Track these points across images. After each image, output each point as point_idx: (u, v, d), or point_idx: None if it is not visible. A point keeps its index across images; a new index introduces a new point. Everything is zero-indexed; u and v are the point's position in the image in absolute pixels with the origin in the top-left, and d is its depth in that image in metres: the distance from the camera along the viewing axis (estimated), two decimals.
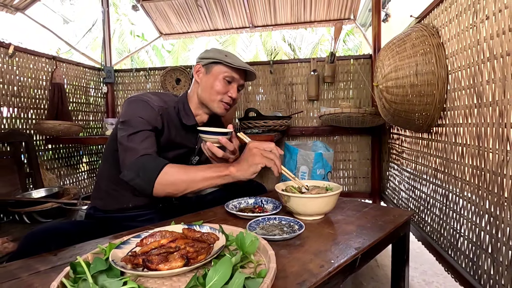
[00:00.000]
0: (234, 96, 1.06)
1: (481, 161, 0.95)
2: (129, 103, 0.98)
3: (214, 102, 1.05)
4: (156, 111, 0.98)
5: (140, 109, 0.96)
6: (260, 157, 0.85)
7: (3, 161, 1.81)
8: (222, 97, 1.05)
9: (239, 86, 1.09)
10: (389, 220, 0.87)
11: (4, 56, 1.86)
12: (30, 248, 0.73)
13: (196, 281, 0.48)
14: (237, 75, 1.05)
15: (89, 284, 0.47)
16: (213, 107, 1.06)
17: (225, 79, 1.04)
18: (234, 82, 1.06)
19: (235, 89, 1.06)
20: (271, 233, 0.74)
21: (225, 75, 1.04)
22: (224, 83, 1.04)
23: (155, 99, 1.01)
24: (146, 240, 0.63)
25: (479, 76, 0.94)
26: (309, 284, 0.53)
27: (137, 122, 0.93)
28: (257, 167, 0.85)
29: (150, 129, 0.95)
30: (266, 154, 0.85)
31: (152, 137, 0.95)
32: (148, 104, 0.97)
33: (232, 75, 1.04)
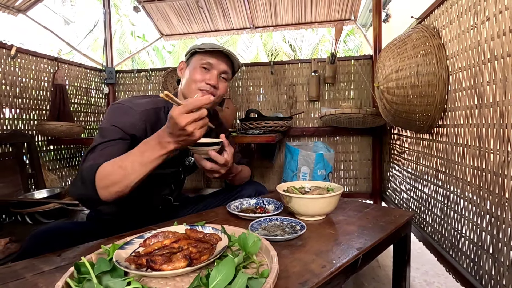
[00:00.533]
0: (213, 82, 0.98)
1: (482, 161, 0.95)
2: (109, 109, 0.94)
3: (192, 92, 0.98)
4: (137, 117, 0.91)
5: (118, 116, 0.91)
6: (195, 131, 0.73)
7: (6, 162, 1.82)
8: (199, 85, 0.98)
9: (222, 74, 1.01)
10: (390, 221, 0.87)
11: (7, 58, 1.87)
12: (34, 249, 0.73)
13: (200, 281, 0.49)
14: (215, 60, 0.99)
15: (94, 284, 0.48)
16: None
17: (202, 67, 0.98)
18: (213, 68, 0.99)
19: (214, 76, 0.99)
20: (273, 234, 0.75)
21: (201, 63, 0.98)
22: (201, 71, 0.98)
23: (141, 103, 0.95)
24: (149, 240, 0.63)
25: (480, 77, 0.94)
26: (311, 284, 0.53)
27: (108, 131, 0.88)
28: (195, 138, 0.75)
29: (119, 138, 0.88)
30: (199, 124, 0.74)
31: (119, 145, 0.87)
32: (129, 110, 0.92)
33: (208, 61, 0.98)
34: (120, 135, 0.88)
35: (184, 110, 0.71)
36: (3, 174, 1.77)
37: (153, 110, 0.96)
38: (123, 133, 0.89)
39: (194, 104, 0.71)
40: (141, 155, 0.77)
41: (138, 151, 0.78)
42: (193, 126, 0.72)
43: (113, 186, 0.76)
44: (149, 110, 0.95)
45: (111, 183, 0.76)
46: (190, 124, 0.71)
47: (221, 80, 1.02)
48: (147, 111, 0.94)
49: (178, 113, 0.71)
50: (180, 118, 0.71)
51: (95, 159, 0.81)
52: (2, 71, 1.84)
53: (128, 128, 0.89)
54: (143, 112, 0.93)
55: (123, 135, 0.89)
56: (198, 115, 0.72)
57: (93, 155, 0.84)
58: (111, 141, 0.86)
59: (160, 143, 0.76)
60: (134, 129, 0.90)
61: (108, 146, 0.85)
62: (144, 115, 0.93)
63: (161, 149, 0.76)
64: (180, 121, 0.71)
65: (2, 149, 1.83)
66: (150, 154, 0.76)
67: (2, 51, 1.84)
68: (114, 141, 0.87)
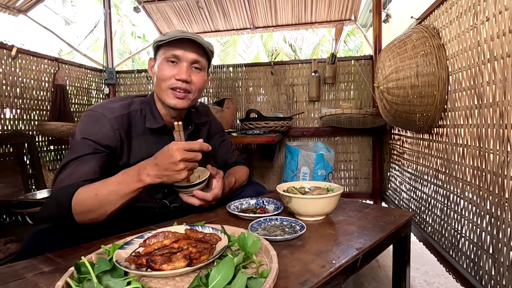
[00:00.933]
0: (183, 76, 0.86)
1: (481, 162, 0.95)
2: (82, 117, 0.87)
3: (163, 92, 0.89)
4: (108, 127, 0.85)
5: (89, 126, 0.85)
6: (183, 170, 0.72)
7: (6, 162, 1.82)
8: (169, 83, 0.87)
9: (193, 64, 0.89)
10: (390, 221, 0.87)
11: (7, 58, 1.87)
12: (33, 249, 0.73)
13: (199, 281, 0.49)
14: (181, 51, 0.86)
15: (94, 284, 0.48)
16: (164, 99, 0.89)
17: (168, 61, 0.87)
18: (181, 60, 0.87)
19: (184, 69, 0.87)
20: (273, 234, 0.75)
21: (166, 56, 0.87)
22: (168, 66, 0.87)
23: (114, 108, 0.88)
24: (149, 240, 0.64)
25: (480, 77, 0.94)
26: (311, 284, 0.54)
27: (79, 146, 0.82)
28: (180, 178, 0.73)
29: (91, 153, 0.82)
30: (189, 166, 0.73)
31: (92, 161, 0.81)
32: (100, 119, 0.85)
33: (173, 53, 0.86)
34: (92, 149, 0.82)
35: (187, 147, 0.72)
36: (3, 174, 1.77)
37: (126, 116, 0.89)
38: (96, 145, 0.83)
39: (196, 146, 0.73)
40: (117, 186, 0.74)
41: (115, 181, 0.75)
42: (184, 165, 0.72)
43: (89, 213, 0.74)
44: (122, 116, 0.88)
45: (87, 210, 0.74)
46: (183, 162, 0.72)
47: (194, 71, 0.90)
48: (120, 117, 0.88)
49: (179, 147, 0.71)
50: (178, 152, 0.71)
51: (67, 179, 0.77)
52: (3, 72, 1.84)
53: (102, 139, 0.84)
54: (115, 119, 0.86)
55: (96, 147, 0.83)
56: (193, 156, 0.73)
57: (65, 174, 0.79)
58: (83, 157, 0.81)
59: (138, 174, 0.73)
60: (108, 139, 0.85)
61: (81, 163, 0.80)
62: (117, 122, 0.87)
63: (137, 181, 0.73)
64: (177, 155, 0.70)
65: (3, 149, 1.83)
66: (125, 187, 0.73)
67: (2, 51, 1.84)
68: (86, 156, 0.81)
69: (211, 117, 1.18)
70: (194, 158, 0.73)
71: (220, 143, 1.21)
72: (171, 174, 0.72)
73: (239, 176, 1.11)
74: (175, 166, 0.71)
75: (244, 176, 1.17)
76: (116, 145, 0.87)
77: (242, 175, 1.15)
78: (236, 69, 2.58)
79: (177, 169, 0.71)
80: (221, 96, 2.56)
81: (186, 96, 0.90)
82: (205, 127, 1.14)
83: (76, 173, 0.78)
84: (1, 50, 1.84)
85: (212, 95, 2.63)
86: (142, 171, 0.73)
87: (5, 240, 1.31)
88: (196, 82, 0.90)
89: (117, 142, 0.87)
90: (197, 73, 0.91)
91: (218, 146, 1.20)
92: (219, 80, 2.62)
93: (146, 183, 0.73)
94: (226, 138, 1.24)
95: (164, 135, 0.96)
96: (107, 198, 0.73)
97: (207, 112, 1.16)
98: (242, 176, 1.14)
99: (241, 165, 1.20)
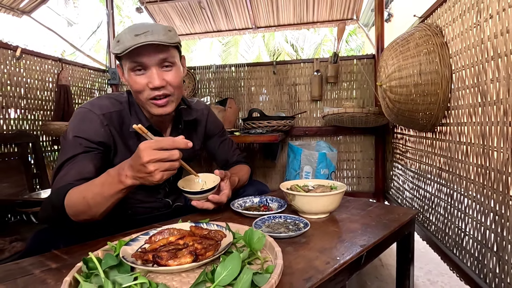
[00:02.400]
0: (156, 83, 0.80)
1: (485, 159, 0.95)
2: (73, 116, 0.85)
3: (145, 105, 0.86)
4: (98, 123, 0.83)
5: (79, 124, 0.83)
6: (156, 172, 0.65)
7: (11, 162, 1.84)
8: (146, 95, 0.83)
9: (163, 63, 0.82)
10: (393, 219, 0.87)
11: (12, 59, 1.89)
12: (39, 246, 0.74)
13: (205, 277, 0.49)
14: (143, 57, 0.79)
15: (101, 279, 0.48)
16: (149, 110, 0.87)
17: (135, 71, 0.81)
18: (148, 66, 0.81)
19: (154, 76, 0.80)
20: (277, 231, 0.75)
21: (130, 67, 0.81)
22: (136, 76, 0.81)
23: (104, 105, 0.86)
24: (155, 237, 0.64)
25: (483, 75, 0.94)
26: (315, 280, 0.54)
27: (70, 146, 0.81)
28: (155, 180, 0.66)
29: (83, 152, 0.81)
30: (164, 166, 0.65)
31: (85, 160, 0.80)
32: (88, 115, 0.83)
33: (136, 61, 0.79)
34: (83, 148, 0.80)
35: (155, 145, 0.64)
36: (8, 174, 1.79)
37: (116, 113, 0.87)
38: (87, 143, 0.81)
39: (167, 143, 0.65)
40: (101, 187, 0.71)
41: (99, 182, 0.72)
42: (155, 166, 0.63)
43: (80, 215, 0.73)
44: (111, 113, 0.86)
45: (78, 213, 0.73)
46: (153, 163, 0.63)
47: (166, 71, 0.83)
48: (109, 114, 0.85)
49: (146, 146, 0.63)
50: (144, 152, 0.63)
51: (63, 181, 0.77)
52: (8, 72, 1.86)
53: (93, 136, 0.82)
54: (104, 116, 0.84)
55: (88, 145, 0.81)
56: (166, 155, 0.64)
57: (60, 175, 0.78)
58: (75, 157, 0.79)
59: (119, 174, 0.69)
60: (100, 136, 0.83)
61: (74, 163, 0.79)
62: (106, 118, 0.84)
63: (118, 183, 0.68)
64: (143, 155, 0.62)
65: (8, 149, 1.84)
66: (108, 188, 0.70)
67: (7, 52, 1.86)
68: (78, 156, 0.80)
69: (209, 116, 1.14)
70: (168, 158, 0.64)
71: (220, 142, 1.20)
72: (144, 176, 0.65)
73: (241, 176, 1.11)
74: (145, 168, 0.63)
75: (246, 175, 1.17)
76: (109, 141, 0.85)
77: (244, 174, 1.15)
78: (238, 69, 2.59)
79: (147, 171, 0.64)
80: (224, 96, 2.57)
81: (168, 101, 0.85)
82: (201, 125, 1.12)
83: (70, 174, 0.77)
84: (6, 51, 1.85)
85: (214, 95, 2.64)
86: (121, 172, 0.68)
87: (11, 239, 1.32)
88: (172, 81, 0.84)
89: (109, 138, 0.85)
90: (169, 71, 0.84)
91: (218, 146, 1.19)
92: (221, 79, 2.62)
93: (127, 184, 0.68)
94: (226, 137, 1.23)
95: (155, 135, 0.95)
96: (93, 200, 0.70)
97: (203, 110, 1.12)
98: (244, 176, 1.14)
99: (242, 164, 1.20)
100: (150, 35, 0.77)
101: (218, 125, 1.20)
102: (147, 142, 0.65)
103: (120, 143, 0.89)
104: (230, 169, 1.16)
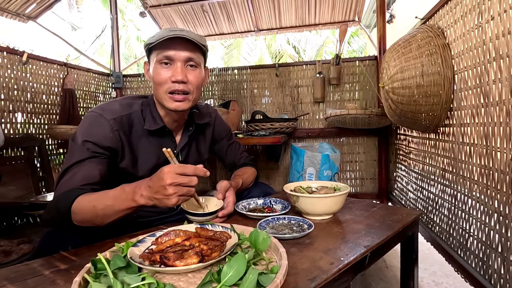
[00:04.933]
0: (179, 77, 0.83)
1: (489, 160, 0.95)
2: (82, 120, 0.86)
3: (162, 97, 0.87)
4: (108, 128, 0.84)
5: (89, 128, 0.84)
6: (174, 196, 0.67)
7: (18, 165, 1.87)
8: (166, 88, 0.85)
9: (188, 62, 0.86)
10: (397, 219, 0.88)
11: (19, 64, 1.92)
12: (48, 247, 0.75)
13: (212, 277, 0.50)
14: (172, 51, 0.84)
15: (110, 280, 0.49)
16: (164, 104, 0.88)
17: (161, 63, 0.85)
18: (174, 60, 0.85)
19: (178, 69, 0.84)
20: (281, 232, 0.76)
21: (158, 58, 0.85)
22: (162, 68, 0.85)
23: (114, 110, 0.87)
24: (161, 238, 0.65)
25: (486, 76, 0.95)
26: (320, 280, 0.55)
27: (78, 150, 0.82)
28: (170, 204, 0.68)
29: (91, 156, 0.81)
30: (181, 191, 0.67)
31: (91, 164, 0.81)
32: (98, 120, 0.84)
33: (164, 54, 0.84)
34: (90, 152, 0.81)
35: (179, 170, 0.67)
36: (15, 177, 1.81)
37: (126, 117, 0.88)
38: (95, 148, 0.82)
39: (190, 170, 0.68)
40: (113, 200, 0.72)
41: (112, 195, 0.73)
42: (175, 189, 0.66)
43: (86, 222, 0.74)
44: (121, 117, 0.87)
45: (84, 220, 0.74)
46: (173, 186, 0.66)
47: (190, 69, 0.87)
48: (119, 118, 0.87)
49: (170, 170, 0.66)
50: (168, 175, 0.66)
51: (69, 185, 0.78)
52: (14, 77, 1.89)
53: (102, 141, 0.83)
54: (114, 120, 0.85)
55: (95, 150, 0.82)
56: (187, 180, 0.67)
57: (65, 179, 0.79)
58: (82, 162, 0.80)
59: (134, 192, 0.70)
60: (108, 141, 0.84)
61: (80, 167, 0.80)
62: (116, 123, 0.85)
63: (131, 200, 0.70)
64: (166, 178, 0.65)
65: (14, 152, 1.87)
66: (120, 203, 0.71)
67: (14, 57, 1.89)
68: (85, 160, 0.81)
69: (217, 120, 1.16)
70: (187, 183, 0.67)
71: (228, 146, 1.21)
72: (161, 198, 0.67)
73: (245, 177, 1.12)
74: (165, 190, 0.66)
75: (251, 177, 1.17)
76: (117, 146, 0.87)
77: (249, 176, 1.15)
78: (241, 72, 2.61)
79: (166, 193, 0.66)
80: (227, 98, 2.59)
81: (186, 98, 0.87)
82: (209, 129, 1.13)
83: (76, 178, 0.78)
84: (13, 56, 1.89)
85: (217, 97, 2.65)
86: (137, 190, 0.70)
87: (18, 241, 1.34)
88: (193, 81, 0.87)
89: (117, 143, 0.86)
90: (193, 70, 0.88)
91: (226, 149, 1.21)
92: (224, 82, 2.64)
93: (139, 203, 0.70)
94: (233, 140, 1.24)
95: (165, 137, 0.96)
96: (103, 211, 0.72)
97: (211, 114, 1.13)
98: (249, 177, 1.15)
99: (248, 166, 1.21)
100: (186, 33, 0.84)
101: (225, 128, 1.21)
102: (171, 166, 0.68)
103: (128, 147, 0.90)
104: (235, 171, 1.18)
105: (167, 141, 0.97)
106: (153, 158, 0.95)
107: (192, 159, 1.06)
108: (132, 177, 0.89)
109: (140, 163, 0.93)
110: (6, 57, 1.85)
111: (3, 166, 1.75)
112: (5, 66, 1.84)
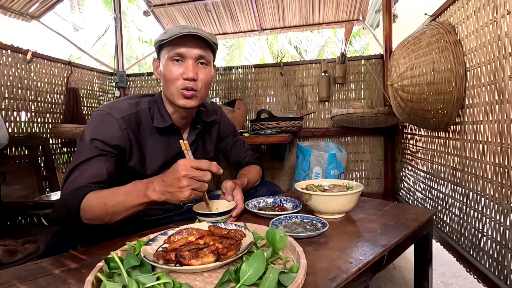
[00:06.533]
0: (190, 75, 0.84)
1: (503, 158, 0.93)
2: (90, 118, 0.86)
3: (172, 94, 0.87)
4: (116, 126, 0.84)
5: (97, 126, 0.84)
6: (187, 188, 0.66)
7: (22, 164, 1.85)
8: (178, 85, 0.86)
9: (199, 60, 0.87)
10: (411, 219, 0.86)
11: (23, 62, 1.91)
12: (57, 247, 0.74)
13: (230, 276, 0.49)
14: (184, 48, 0.84)
15: (125, 279, 0.48)
16: (174, 101, 0.88)
17: (172, 60, 0.85)
18: (186, 58, 0.85)
19: (190, 67, 0.84)
20: (295, 231, 0.74)
21: (169, 55, 0.85)
22: (173, 65, 0.85)
23: (122, 108, 0.87)
24: (174, 237, 0.64)
25: (501, 72, 0.93)
26: (340, 279, 0.53)
27: (86, 148, 0.81)
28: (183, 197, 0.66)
29: (99, 154, 0.81)
30: (195, 185, 0.67)
31: (99, 163, 0.81)
32: (107, 118, 0.84)
33: (176, 51, 0.84)
34: (98, 151, 0.81)
35: (194, 164, 0.67)
36: (19, 176, 1.80)
37: (134, 115, 0.89)
38: (104, 146, 0.82)
39: (204, 164, 0.68)
40: (124, 197, 0.71)
41: (123, 191, 0.73)
42: (188, 182, 0.66)
43: (95, 220, 0.74)
44: (130, 116, 0.87)
45: (94, 217, 0.73)
46: (187, 178, 0.66)
47: (200, 67, 0.87)
48: (127, 116, 0.87)
49: (185, 162, 0.67)
50: (183, 167, 0.66)
51: (77, 183, 0.77)
52: (19, 76, 1.88)
53: (110, 139, 0.83)
54: (123, 118, 0.85)
55: (104, 148, 0.82)
56: (201, 174, 0.67)
57: (73, 177, 0.79)
58: (90, 160, 0.80)
59: (146, 188, 0.70)
60: (117, 139, 0.84)
61: (89, 166, 0.79)
62: (124, 121, 0.86)
63: (143, 196, 0.70)
64: (180, 169, 0.66)
65: (18, 151, 1.86)
66: (132, 200, 0.71)
67: (18, 56, 1.88)
68: (93, 158, 0.80)
69: (222, 117, 1.16)
70: (201, 178, 0.67)
71: (233, 143, 1.20)
72: (174, 191, 0.67)
73: (251, 176, 1.10)
74: (179, 182, 0.66)
75: (257, 175, 1.16)
76: (125, 145, 0.86)
77: (255, 174, 1.14)
78: (245, 70, 2.59)
79: (180, 185, 0.66)
80: (231, 97, 2.57)
81: (194, 95, 0.87)
82: (215, 127, 1.13)
83: (84, 176, 0.78)
84: (17, 55, 1.88)
85: (222, 96, 2.64)
86: (149, 186, 0.70)
87: (23, 241, 1.32)
88: (203, 79, 0.87)
89: (125, 142, 0.86)
90: (203, 68, 0.88)
91: (231, 147, 1.19)
92: (228, 81, 2.63)
93: (151, 199, 0.69)
94: (238, 138, 1.23)
95: (173, 135, 0.96)
96: (114, 208, 0.71)
97: (217, 112, 1.13)
98: (254, 176, 1.14)
99: (253, 165, 1.20)
100: (198, 30, 0.84)
101: (230, 126, 1.21)
102: (187, 159, 0.69)
103: (136, 146, 0.90)
104: (241, 170, 1.16)
105: (174, 139, 0.96)
106: (161, 157, 0.94)
107: (199, 157, 1.04)
108: (141, 176, 0.88)
109: (148, 161, 0.93)
110: (10, 56, 1.84)
111: (7, 165, 1.73)
112: (9, 65, 1.83)
